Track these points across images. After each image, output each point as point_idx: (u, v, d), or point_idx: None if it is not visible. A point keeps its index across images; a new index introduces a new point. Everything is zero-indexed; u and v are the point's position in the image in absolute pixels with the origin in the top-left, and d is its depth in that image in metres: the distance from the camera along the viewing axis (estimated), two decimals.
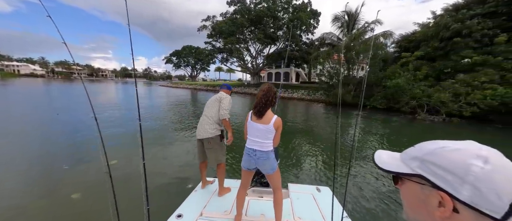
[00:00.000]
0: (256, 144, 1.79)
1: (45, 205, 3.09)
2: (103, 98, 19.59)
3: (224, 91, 2.59)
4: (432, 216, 0.38)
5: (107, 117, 9.45)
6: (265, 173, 1.83)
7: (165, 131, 7.80)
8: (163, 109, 14.74)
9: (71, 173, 4.06)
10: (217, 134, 2.39)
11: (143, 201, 1.64)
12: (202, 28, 31.72)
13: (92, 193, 3.31)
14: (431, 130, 10.03)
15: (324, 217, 2.08)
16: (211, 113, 2.42)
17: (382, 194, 3.68)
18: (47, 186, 3.59)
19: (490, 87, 10.78)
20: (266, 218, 2.04)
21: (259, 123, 1.76)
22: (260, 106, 1.76)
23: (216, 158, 2.40)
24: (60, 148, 5.42)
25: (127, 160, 4.64)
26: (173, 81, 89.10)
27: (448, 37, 13.85)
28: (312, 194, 2.55)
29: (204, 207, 2.17)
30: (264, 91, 1.78)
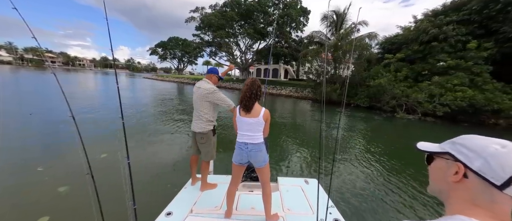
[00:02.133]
0: (247, 137, 1.81)
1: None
2: (81, 90, 18.35)
3: (208, 79, 2.41)
4: (447, 182, 0.50)
5: (87, 113, 8.89)
6: (257, 166, 1.86)
7: (150, 127, 7.54)
8: (150, 106, 14.11)
9: (47, 175, 3.68)
10: (210, 129, 2.36)
11: (128, 201, 1.60)
12: (190, 20, 30.62)
13: (72, 200, 3.05)
14: (407, 127, 10.75)
15: (311, 207, 2.18)
16: (201, 109, 2.33)
17: (362, 183, 3.92)
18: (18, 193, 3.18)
19: (461, 90, 11.73)
20: (256, 211, 2.08)
21: (248, 117, 1.78)
22: (246, 100, 1.77)
23: (209, 152, 2.39)
24: (36, 150, 4.82)
25: (113, 156, 4.41)
26: (158, 74, 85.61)
27: (427, 41, 14.75)
28: (301, 186, 2.63)
29: (194, 204, 2.16)
30: (248, 85, 1.79)
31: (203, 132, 2.33)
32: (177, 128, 7.45)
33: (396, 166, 5.05)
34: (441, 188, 0.53)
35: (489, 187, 0.43)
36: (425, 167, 0.59)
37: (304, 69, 23.05)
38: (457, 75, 12.27)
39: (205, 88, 2.33)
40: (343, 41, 19.32)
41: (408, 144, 7.03)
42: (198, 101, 2.35)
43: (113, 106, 10.59)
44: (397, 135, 9.21)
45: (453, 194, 0.50)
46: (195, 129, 2.37)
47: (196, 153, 2.52)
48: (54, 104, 9.90)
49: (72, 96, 12.00)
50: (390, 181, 4.21)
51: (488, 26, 13.27)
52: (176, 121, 8.77)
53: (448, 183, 0.50)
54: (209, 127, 2.34)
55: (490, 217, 0.43)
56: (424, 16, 17.40)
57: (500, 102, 10.94)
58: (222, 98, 2.34)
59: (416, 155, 6.21)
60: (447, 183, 0.51)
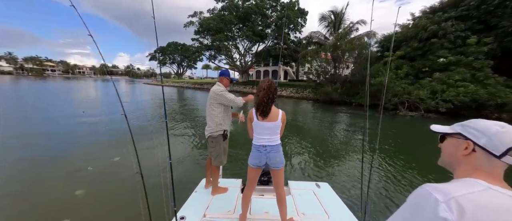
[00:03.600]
0: (265, 140, 1.79)
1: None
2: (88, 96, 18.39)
3: (219, 82, 2.42)
4: (458, 156, 0.66)
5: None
6: (275, 167, 1.83)
7: (159, 129, 7.51)
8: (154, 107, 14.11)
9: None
10: (220, 133, 2.33)
11: (170, 202, 1.63)
12: (189, 24, 30.80)
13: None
14: (411, 124, 10.71)
15: (326, 211, 2.14)
16: (211, 111, 2.33)
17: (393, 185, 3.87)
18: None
19: (463, 85, 11.69)
20: (270, 215, 2.06)
21: (266, 122, 1.76)
22: (263, 105, 1.73)
23: (217, 157, 2.35)
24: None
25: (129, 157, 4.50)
26: (157, 79, 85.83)
27: (426, 38, 14.76)
28: (313, 190, 2.61)
29: (206, 208, 2.14)
30: (265, 90, 1.74)
31: (213, 135, 2.31)
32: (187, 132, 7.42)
33: (407, 159, 5.00)
34: (452, 160, 0.68)
35: (491, 157, 0.59)
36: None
37: (304, 70, 23.06)
38: (458, 71, 12.25)
39: (214, 89, 2.34)
40: (342, 40, 19.37)
41: (413, 139, 6.97)
42: (208, 103, 2.36)
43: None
44: (401, 132, 9.16)
45: (462, 164, 0.65)
46: (206, 133, 2.37)
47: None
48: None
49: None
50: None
51: (487, 21, 13.28)
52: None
53: (458, 156, 0.66)
54: (219, 132, 2.31)
55: (489, 177, 0.59)
56: (422, 13, 17.44)
57: (503, 96, 10.89)
58: (231, 99, 2.31)
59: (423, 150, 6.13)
60: (457, 156, 0.66)
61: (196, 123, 9.28)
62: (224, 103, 2.32)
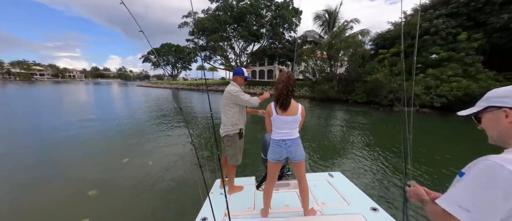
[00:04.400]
0: (284, 134, 1.80)
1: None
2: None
3: (234, 81, 2.38)
4: (504, 127, 0.65)
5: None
6: (296, 160, 1.84)
7: (159, 131, 7.41)
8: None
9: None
10: (236, 132, 2.33)
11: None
12: (183, 25, 30.48)
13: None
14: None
15: (345, 199, 2.19)
16: (227, 111, 2.32)
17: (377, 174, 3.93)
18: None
19: (456, 80, 12.04)
20: (291, 208, 2.09)
21: (286, 116, 1.76)
22: (283, 98, 1.73)
23: (234, 156, 2.36)
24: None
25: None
26: (151, 81, 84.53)
27: (419, 35, 15.11)
28: (327, 180, 2.66)
29: (226, 207, 2.13)
30: (284, 82, 1.72)
31: (229, 134, 2.32)
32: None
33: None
34: (499, 134, 0.67)
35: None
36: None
37: (300, 68, 23.22)
38: (451, 67, 12.61)
39: (228, 90, 2.32)
40: (337, 38, 19.62)
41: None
42: (222, 103, 2.35)
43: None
44: (398, 127, 9.33)
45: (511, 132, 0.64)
46: (221, 132, 2.37)
47: (226, 155, 2.50)
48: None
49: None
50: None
51: (476, 18, 13.74)
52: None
53: (503, 127, 0.65)
54: (235, 130, 2.32)
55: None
56: (414, 11, 17.87)
57: None
58: (246, 100, 2.30)
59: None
60: (503, 127, 0.65)
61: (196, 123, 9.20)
62: (239, 103, 2.31)
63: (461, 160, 1.21)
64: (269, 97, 2.42)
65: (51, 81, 77.85)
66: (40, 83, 60.65)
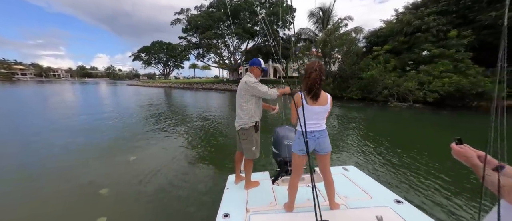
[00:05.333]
0: (312, 126, 1.74)
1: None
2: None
3: (250, 72, 2.25)
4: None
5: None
6: (324, 152, 1.79)
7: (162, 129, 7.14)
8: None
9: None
10: (252, 125, 2.22)
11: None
12: (176, 22, 29.77)
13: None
14: (401, 114, 11.21)
15: (366, 192, 2.17)
16: (242, 105, 2.21)
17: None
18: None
19: (447, 76, 12.43)
20: (313, 202, 1.99)
21: (316, 106, 1.70)
22: (316, 88, 1.67)
23: (250, 150, 2.25)
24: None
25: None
26: (142, 80, 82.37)
27: (411, 32, 15.48)
28: (343, 174, 2.64)
29: (246, 203, 2.03)
30: (317, 71, 1.67)
31: (244, 127, 2.21)
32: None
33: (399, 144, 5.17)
34: None
35: None
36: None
37: (295, 66, 23.26)
38: (442, 63, 12.99)
39: (245, 81, 2.20)
40: (331, 36, 19.78)
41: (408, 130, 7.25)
42: (239, 96, 2.24)
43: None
44: (392, 122, 9.53)
45: None
46: (236, 125, 2.26)
47: (241, 150, 2.40)
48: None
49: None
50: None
51: (466, 15, 14.21)
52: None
53: None
54: (251, 123, 2.21)
55: None
56: (406, 9, 18.27)
57: (483, 85, 11.72)
58: (264, 91, 2.19)
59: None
60: None
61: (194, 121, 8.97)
62: (256, 94, 2.20)
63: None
64: (289, 92, 2.31)
65: (34, 81, 74.09)
66: (23, 83, 57.58)
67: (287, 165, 2.84)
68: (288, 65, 39.12)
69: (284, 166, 2.81)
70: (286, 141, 2.97)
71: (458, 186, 3.44)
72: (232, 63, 34.68)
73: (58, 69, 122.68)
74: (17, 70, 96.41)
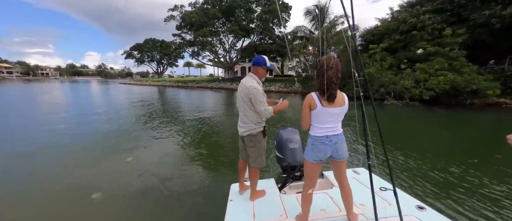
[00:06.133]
0: (328, 130, 1.54)
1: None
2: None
3: (253, 73, 1.95)
4: None
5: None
6: (342, 158, 1.61)
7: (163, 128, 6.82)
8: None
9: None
10: (260, 131, 1.97)
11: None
12: (170, 19, 29.03)
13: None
14: (397, 112, 11.26)
15: (384, 198, 2.00)
16: (245, 110, 1.93)
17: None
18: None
19: (442, 74, 12.53)
20: (329, 213, 1.83)
21: (333, 108, 1.50)
22: (333, 87, 1.47)
23: (258, 158, 2.00)
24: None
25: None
26: (135, 79, 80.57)
27: (407, 30, 15.56)
28: (354, 178, 2.45)
29: (254, 217, 1.80)
30: (334, 68, 1.46)
31: (252, 134, 1.95)
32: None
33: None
34: None
35: None
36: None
37: (292, 64, 23.13)
38: (438, 61, 13.09)
39: (247, 85, 1.88)
40: (328, 34, 19.70)
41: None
42: (241, 100, 1.95)
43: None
44: (389, 120, 9.52)
45: None
46: (242, 131, 1.99)
47: (245, 158, 2.15)
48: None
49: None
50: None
51: (460, 14, 14.37)
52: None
53: None
54: (258, 129, 1.96)
55: None
56: (401, 7, 18.36)
57: (477, 83, 11.88)
58: (260, 110, 1.85)
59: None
60: None
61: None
62: (252, 100, 1.87)
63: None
64: (286, 108, 2.10)
65: (21, 80, 71.27)
66: (9, 81, 55.27)
67: (294, 171, 2.64)
68: (284, 63, 39.02)
69: (290, 172, 2.61)
70: (291, 145, 2.76)
71: (478, 186, 3.33)
72: (227, 61, 34.22)
73: (46, 67, 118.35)
74: (2, 69, 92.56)
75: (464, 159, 4.36)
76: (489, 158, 4.49)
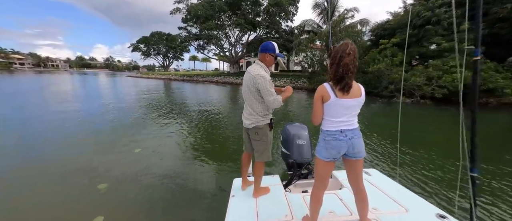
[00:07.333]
0: (342, 124, 1.38)
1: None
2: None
3: (261, 60, 1.82)
4: None
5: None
6: (358, 157, 1.43)
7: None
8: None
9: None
10: (266, 123, 1.84)
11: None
12: (175, 11, 28.81)
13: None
14: (407, 110, 10.87)
15: (398, 202, 1.84)
16: (251, 100, 1.81)
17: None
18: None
19: (457, 71, 11.92)
20: (338, 216, 1.69)
21: (348, 99, 1.34)
22: (349, 76, 1.31)
23: (264, 151, 1.88)
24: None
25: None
26: (141, 72, 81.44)
27: (420, 24, 14.84)
28: (365, 180, 2.28)
29: (257, 216, 1.69)
30: (352, 54, 1.30)
31: (258, 126, 1.82)
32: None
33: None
34: None
35: None
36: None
37: (299, 59, 22.70)
38: (453, 57, 12.45)
39: (253, 74, 1.74)
40: (336, 28, 19.10)
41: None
42: (247, 90, 1.83)
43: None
44: (397, 117, 9.19)
45: None
46: (247, 123, 1.87)
47: (249, 151, 2.03)
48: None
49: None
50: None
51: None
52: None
53: None
54: (265, 121, 1.83)
55: None
56: (414, 0, 17.50)
57: (494, 81, 11.28)
58: (269, 100, 1.71)
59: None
60: None
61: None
62: (259, 89, 1.73)
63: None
64: (291, 93, 1.93)
65: (33, 71, 73.30)
66: (21, 72, 56.92)
67: (300, 168, 2.50)
68: (290, 58, 38.38)
69: (297, 169, 2.47)
70: (298, 141, 2.62)
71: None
72: (233, 56, 33.92)
73: (56, 59, 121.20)
74: (15, 60, 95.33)
75: (488, 163, 4.12)
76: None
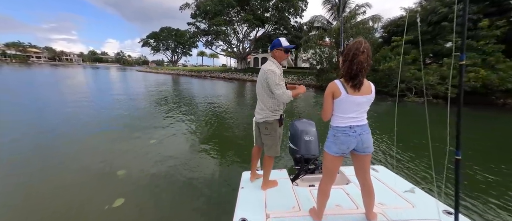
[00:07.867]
0: (351, 120, 1.44)
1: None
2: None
3: (272, 57, 1.91)
4: None
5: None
6: (366, 152, 1.48)
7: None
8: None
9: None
10: (276, 118, 1.91)
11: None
12: (185, 7, 29.03)
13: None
14: (417, 110, 10.59)
15: (405, 198, 1.88)
16: (263, 95, 1.90)
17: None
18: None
19: (474, 70, 11.46)
20: (345, 209, 1.75)
21: (359, 96, 1.39)
22: (362, 74, 1.36)
23: (273, 146, 1.95)
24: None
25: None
26: (151, 66, 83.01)
27: (436, 21, 14.26)
28: (372, 176, 2.32)
29: (265, 207, 1.77)
30: (366, 52, 1.34)
31: (268, 121, 1.90)
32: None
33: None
34: None
35: None
36: None
37: (307, 55, 22.41)
38: (469, 56, 11.93)
39: (266, 69, 1.84)
40: (347, 24, 18.66)
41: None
42: (259, 85, 1.93)
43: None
44: (407, 117, 8.98)
45: None
46: (258, 117, 1.96)
47: (260, 145, 2.11)
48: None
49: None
50: None
51: (501, 3, 12.84)
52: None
53: None
54: (275, 116, 1.91)
55: None
56: None
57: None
58: (278, 93, 1.76)
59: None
60: None
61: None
62: (268, 82, 1.80)
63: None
64: (304, 92, 1.95)
65: (49, 64, 76.26)
66: (37, 65, 59.37)
67: (308, 164, 2.55)
68: (298, 55, 37.92)
69: (304, 164, 2.53)
70: (306, 137, 2.66)
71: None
72: (240, 52, 33.91)
73: (70, 53, 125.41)
74: (32, 53, 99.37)
75: (499, 163, 4.03)
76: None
